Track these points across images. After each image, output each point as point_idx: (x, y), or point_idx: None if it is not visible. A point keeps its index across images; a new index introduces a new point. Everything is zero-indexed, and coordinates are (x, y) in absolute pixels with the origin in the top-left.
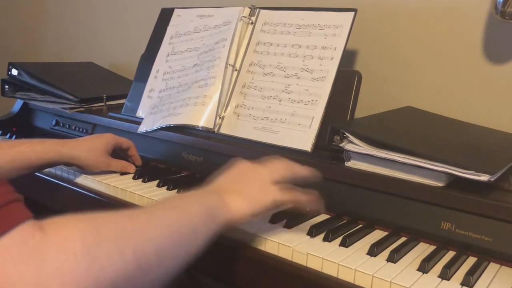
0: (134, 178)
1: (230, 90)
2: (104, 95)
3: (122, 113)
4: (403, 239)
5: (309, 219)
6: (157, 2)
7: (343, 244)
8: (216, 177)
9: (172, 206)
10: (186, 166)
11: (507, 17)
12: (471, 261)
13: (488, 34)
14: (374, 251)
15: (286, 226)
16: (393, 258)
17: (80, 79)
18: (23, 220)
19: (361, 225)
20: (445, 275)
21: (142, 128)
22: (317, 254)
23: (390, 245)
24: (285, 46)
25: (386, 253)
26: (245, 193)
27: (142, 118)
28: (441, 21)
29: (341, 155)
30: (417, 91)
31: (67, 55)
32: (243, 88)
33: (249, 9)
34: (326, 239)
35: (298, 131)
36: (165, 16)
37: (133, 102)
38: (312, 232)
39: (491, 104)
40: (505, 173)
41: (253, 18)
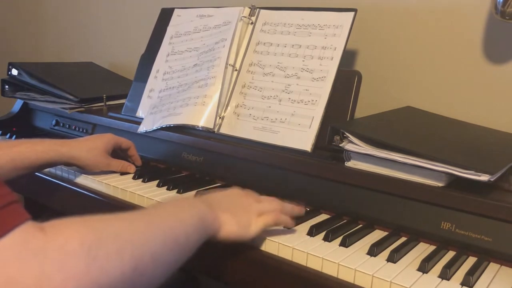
0: (134, 178)
1: (230, 90)
2: (104, 95)
3: (122, 113)
4: (403, 239)
5: (309, 219)
6: (157, 2)
7: (343, 244)
8: (211, 193)
9: (168, 213)
10: (186, 166)
11: (507, 17)
12: (471, 261)
13: (488, 34)
14: (374, 251)
15: (286, 226)
16: (393, 258)
17: (80, 79)
18: (23, 221)
19: (361, 225)
20: (445, 275)
21: (142, 128)
22: (317, 254)
23: (390, 245)
24: (285, 46)
25: (386, 253)
26: (237, 216)
27: (142, 118)
28: (441, 21)
29: (341, 155)
30: (417, 91)
31: (67, 55)
32: (243, 88)
33: (249, 9)
34: (326, 239)
35: (298, 131)
36: (165, 16)
37: (133, 102)
38: (312, 232)
39: (491, 104)
40: (505, 173)
41: (253, 18)
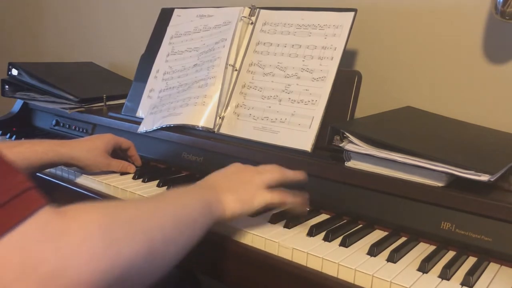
0: (134, 178)
1: (230, 90)
2: (104, 95)
3: (122, 113)
4: (403, 239)
5: (309, 219)
6: (157, 2)
7: (343, 244)
8: (212, 175)
9: (176, 199)
10: (186, 166)
11: (507, 17)
12: (471, 261)
13: (488, 34)
14: (374, 251)
15: (286, 226)
16: (393, 258)
17: (80, 79)
18: (42, 206)
19: (361, 225)
20: (445, 275)
21: (142, 128)
22: (317, 254)
23: (390, 245)
24: (285, 46)
25: (386, 253)
26: (238, 194)
27: (142, 118)
28: (441, 21)
29: (341, 155)
30: (417, 91)
31: (67, 55)
32: (243, 88)
33: (249, 9)
34: (326, 239)
35: (298, 131)
36: (165, 16)
37: (133, 102)
38: (312, 232)
39: (491, 104)
40: (505, 173)
41: (253, 18)
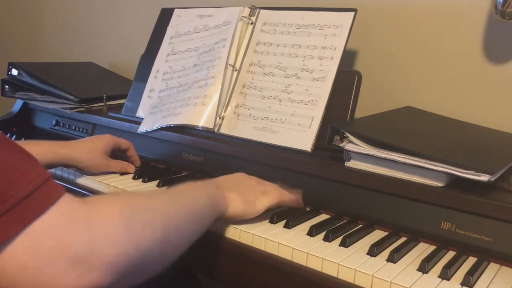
0: (134, 178)
1: (230, 90)
2: (104, 95)
3: (122, 113)
4: (403, 239)
5: (309, 219)
6: (157, 2)
7: (343, 244)
8: (219, 178)
9: (186, 192)
10: (186, 166)
11: (507, 17)
12: (471, 261)
13: (488, 34)
14: (374, 251)
15: (286, 226)
16: (393, 258)
17: (80, 79)
18: (62, 194)
19: (361, 225)
20: (445, 275)
21: (142, 128)
22: (317, 254)
23: (390, 245)
24: (285, 46)
25: (386, 253)
26: (242, 195)
27: (142, 118)
28: (441, 21)
29: (341, 155)
30: (417, 91)
31: (67, 55)
32: (243, 88)
33: (249, 9)
34: (326, 239)
35: (298, 131)
36: (165, 16)
37: (133, 102)
38: (312, 232)
39: (491, 104)
40: (505, 173)
41: (253, 18)
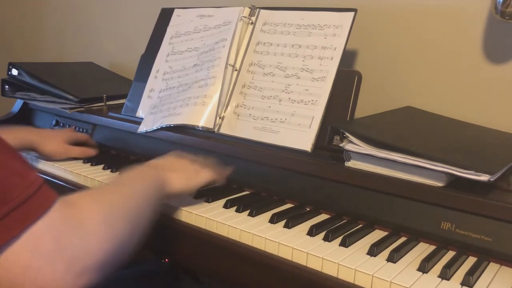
0: None
1: (230, 90)
2: (104, 95)
3: (122, 113)
4: (403, 239)
5: (309, 219)
6: (157, 2)
7: (343, 244)
8: (154, 160)
9: (138, 179)
10: None
11: (507, 17)
12: (471, 261)
13: (488, 34)
14: (374, 251)
15: (286, 226)
16: (393, 258)
17: (80, 79)
18: (56, 198)
19: (361, 225)
20: (445, 275)
21: (142, 128)
22: (317, 254)
23: (390, 245)
24: (285, 46)
25: (386, 253)
26: (180, 174)
27: (142, 118)
28: (441, 21)
29: (341, 155)
30: (417, 91)
31: (67, 55)
32: (243, 88)
33: (249, 9)
34: (326, 239)
35: (298, 131)
36: (165, 16)
37: (133, 102)
38: (312, 232)
39: (491, 104)
40: (505, 173)
41: (253, 18)
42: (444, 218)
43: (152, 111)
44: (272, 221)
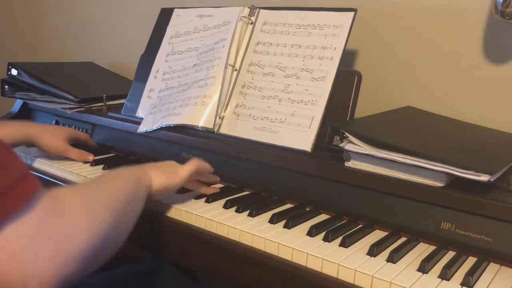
0: None
1: (230, 90)
2: (104, 95)
3: (122, 113)
4: (403, 239)
5: (309, 219)
6: (157, 2)
7: (343, 244)
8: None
9: (121, 176)
10: None
11: (507, 17)
12: (471, 261)
13: (488, 34)
14: (374, 251)
15: (286, 226)
16: (393, 258)
17: (80, 79)
18: (40, 188)
19: (361, 225)
20: (445, 275)
21: (142, 128)
22: (317, 254)
23: (390, 245)
24: (285, 46)
25: (386, 253)
26: (163, 170)
27: (142, 118)
28: (441, 21)
29: (341, 155)
30: (417, 91)
31: (67, 55)
32: (243, 88)
33: (249, 9)
34: (326, 239)
35: (298, 131)
36: (165, 16)
37: (133, 102)
38: (312, 232)
39: (491, 104)
40: (505, 173)
41: (253, 18)
42: (444, 218)
43: (152, 111)
44: (272, 221)
